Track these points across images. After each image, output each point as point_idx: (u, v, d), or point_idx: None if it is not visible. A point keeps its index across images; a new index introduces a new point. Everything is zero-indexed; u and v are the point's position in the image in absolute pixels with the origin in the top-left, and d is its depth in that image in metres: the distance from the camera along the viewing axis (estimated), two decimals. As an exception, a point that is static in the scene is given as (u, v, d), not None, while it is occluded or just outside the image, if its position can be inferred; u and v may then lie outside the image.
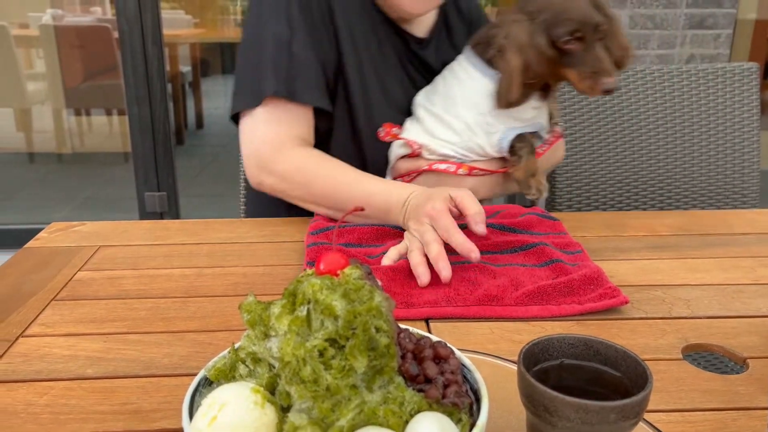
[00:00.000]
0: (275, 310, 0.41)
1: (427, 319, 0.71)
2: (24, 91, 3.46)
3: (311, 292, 0.40)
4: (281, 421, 0.39)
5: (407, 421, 0.39)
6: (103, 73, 3.58)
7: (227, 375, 0.43)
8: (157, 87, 2.42)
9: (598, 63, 0.91)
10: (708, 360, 0.66)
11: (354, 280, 0.41)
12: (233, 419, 0.38)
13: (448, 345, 0.45)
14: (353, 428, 0.37)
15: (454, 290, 0.74)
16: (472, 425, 0.40)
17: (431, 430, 0.38)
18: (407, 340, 0.44)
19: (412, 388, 0.41)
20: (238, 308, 0.43)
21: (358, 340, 0.38)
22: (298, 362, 0.38)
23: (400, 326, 0.46)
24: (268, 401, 0.39)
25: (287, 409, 0.39)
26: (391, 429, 0.38)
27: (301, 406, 0.38)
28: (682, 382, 0.60)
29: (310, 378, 0.38)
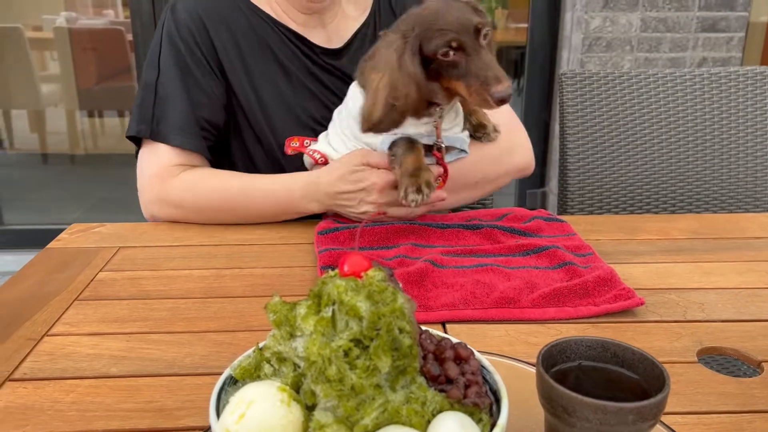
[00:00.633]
0: (301, 310, 0.42)
1: (444, 322, 0.72)
2: (38, 92, 3.50)
3: (336, 293, 0.41)
4: (307, 420, 0.40)
5: (429, 421, 0.40)
6: (116, 75, 3.62)
7: (252, 374, 0.44)
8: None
9: (485, 71, 0.81)
10: (722, 363, 0.67)
11: (378, 282, 0.42)
12: (261, 416, 0.39)
13: (468, 346, 0.46)
14: (377, 427, 0.38)
15: (471, 293, 0.75)
16: (493, 425, 0.41)
17: (453, 429, 0.38)
18: (428, 342, 0.45)
19: (433, 388, 0.42)
20: (264, 308, 0.44)
21: (382, 341, 0.39)
22: (324, 362, 0.39)
23: (421, 328, 0.47)
24: (294, 400, 0.40)
25: (312, 407, 0.40)
26: (414, 428, 0.39)
27: (327, 405, 0.39)
28: (697, 385, 0.60)
29: (335, 377, 0.39)
